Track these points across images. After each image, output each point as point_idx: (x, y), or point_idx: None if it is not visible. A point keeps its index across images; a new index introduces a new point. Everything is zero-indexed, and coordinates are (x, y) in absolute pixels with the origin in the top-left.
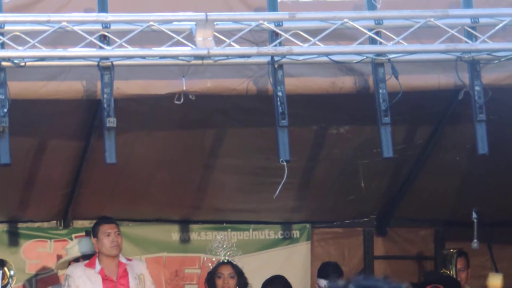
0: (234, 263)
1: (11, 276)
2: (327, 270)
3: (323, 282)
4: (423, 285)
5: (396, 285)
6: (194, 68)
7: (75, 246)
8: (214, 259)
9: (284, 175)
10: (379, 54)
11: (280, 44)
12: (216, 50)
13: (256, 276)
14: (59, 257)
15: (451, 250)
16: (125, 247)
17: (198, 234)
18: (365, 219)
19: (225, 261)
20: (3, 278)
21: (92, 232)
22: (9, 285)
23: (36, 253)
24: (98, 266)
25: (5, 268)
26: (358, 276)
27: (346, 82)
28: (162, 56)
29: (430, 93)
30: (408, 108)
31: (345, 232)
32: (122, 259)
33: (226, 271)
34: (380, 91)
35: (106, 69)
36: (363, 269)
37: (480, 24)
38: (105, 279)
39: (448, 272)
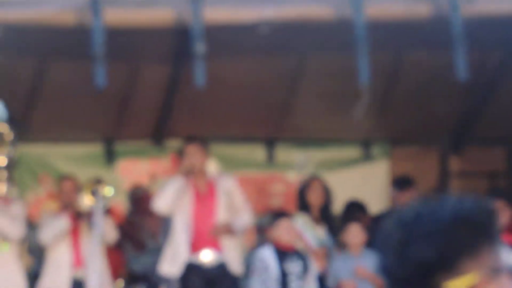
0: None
1: (106, 194)
2: (397, 180)
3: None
4: None
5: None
6: None
7: None
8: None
9: (364, 93)
10: None
11: None
12: None
13: (336, 193)
14: (152, 174)
15: None
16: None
17: (282, 152)
18: (441, 139)
19: (316, 176)
20: (99, 195)
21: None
22: (105, 201)
23: (132, 172)
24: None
25: (101, 186)
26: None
27: (422, 10)
28: None
29: (504, 19)
30: (482, 35)
31: (423, 151)
32: (211, 175)
33: (317, 188)
34: (455, 17)
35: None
36: (439, 187)
37: None
38: (196, 190)
39: None
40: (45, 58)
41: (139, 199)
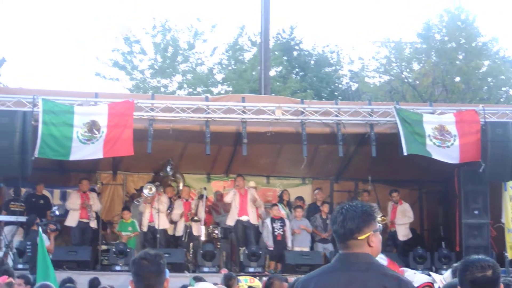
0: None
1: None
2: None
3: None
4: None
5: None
6: (275, 123)
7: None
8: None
9: (305, 160)
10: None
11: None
12: (282, 117)
13: (293, 196)
14: (224, 187)
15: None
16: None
17: (274, 180)
18: (331, 177)
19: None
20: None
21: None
22: (204, 194)
23: (217, 186)
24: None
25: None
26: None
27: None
28: (263, 118)
29: (358, 134)
30: (347, 139)
31: (324, 181)
32: (246, 187)
33: (286, 194)
34: (339, 133)
35: (243, 122)
36: (330, 195)
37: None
38: (240, 194)
39: None
40: (186, 142)
41: (219, 196)
